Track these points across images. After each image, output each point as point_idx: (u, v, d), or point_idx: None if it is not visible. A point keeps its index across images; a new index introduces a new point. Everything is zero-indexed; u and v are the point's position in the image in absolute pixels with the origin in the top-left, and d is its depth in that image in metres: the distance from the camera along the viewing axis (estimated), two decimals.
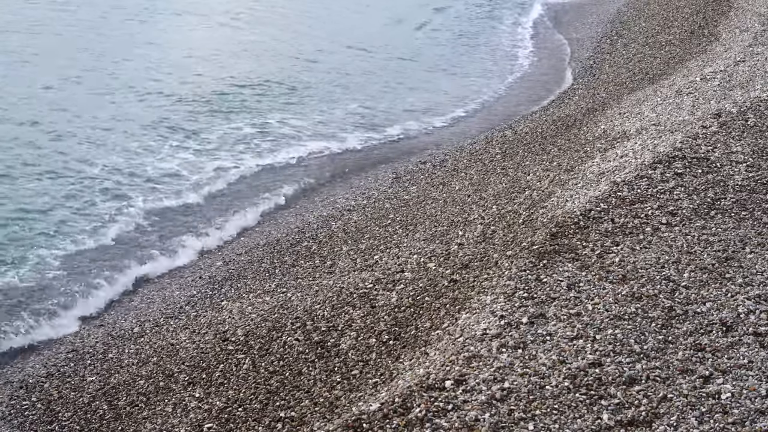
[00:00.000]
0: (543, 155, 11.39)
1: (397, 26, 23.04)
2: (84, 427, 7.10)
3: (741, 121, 9.79)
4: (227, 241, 11.01)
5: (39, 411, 7.41)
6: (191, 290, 9.49)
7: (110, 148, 13.35)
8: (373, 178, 12.81)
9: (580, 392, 5.14)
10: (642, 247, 6.97)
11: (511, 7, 26.06)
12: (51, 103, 15.05)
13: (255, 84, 17.08)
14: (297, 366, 6.99)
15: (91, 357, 8.21)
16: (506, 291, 6.41)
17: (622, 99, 13.82)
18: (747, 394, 5.08)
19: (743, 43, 14.73)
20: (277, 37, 20.99)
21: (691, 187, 8.07)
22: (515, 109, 16.47)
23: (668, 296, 6.19)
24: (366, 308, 7.59)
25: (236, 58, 18.93)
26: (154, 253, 10.44)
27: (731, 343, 5.60)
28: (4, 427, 7.17)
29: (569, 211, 7.79)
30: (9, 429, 7.17)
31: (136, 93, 15.96)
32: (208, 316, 8.61)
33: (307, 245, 10.07)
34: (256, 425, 6.38)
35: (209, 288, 9.45)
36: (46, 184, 11.86)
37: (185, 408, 6.97)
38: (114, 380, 7.68)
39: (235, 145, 13.99)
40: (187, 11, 23.00)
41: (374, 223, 10.38)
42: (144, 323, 8.81)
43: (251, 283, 9.30)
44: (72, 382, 7.81)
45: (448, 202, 10.46)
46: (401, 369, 6.16)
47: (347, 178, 13.10)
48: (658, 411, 4.97)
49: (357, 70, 18.58)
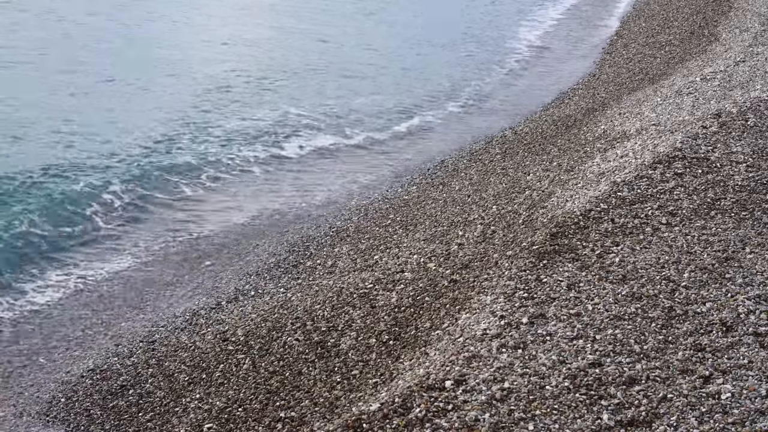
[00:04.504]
0: (543, 155, 11.39)
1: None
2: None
3: (741, 121, 9.79)
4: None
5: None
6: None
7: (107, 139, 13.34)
8: (372, 178, 12.81)
9: (580, 392, 5.14)
10: (642, 247, 6.97)
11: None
12: (63, 90, 15.09)
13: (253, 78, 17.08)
14: (297, 366, 6.99)
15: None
16: (506, 291, 6.41)
17: (622, 99, 13.82)
18: (747, 394, 5.08)
19: (743, 43, 14.73)
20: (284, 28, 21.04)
21: (691, 187, 8.07)
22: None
23: (668, 296, 6.19)
24: (366, 308, 7.59)
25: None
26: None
27: (731, 343, 5.60)
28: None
29: (569, 211, 7.79)
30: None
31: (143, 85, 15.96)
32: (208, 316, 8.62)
33: (307, 245, 10.07)
34: (256, 425, 6.38)
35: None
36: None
37: (185, 408, 6.97)
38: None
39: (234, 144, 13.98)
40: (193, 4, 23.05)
41: (374, 223, 10.38)
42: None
43: (252, 283, 9.30)
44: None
45: (448, 202, 10.46)
46: (401, 369, 6.16)
47: (347, 177, 13.09)
48: (658, 411, 4.97)
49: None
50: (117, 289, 9.63)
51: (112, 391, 7.46)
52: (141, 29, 20.49)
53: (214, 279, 9.67)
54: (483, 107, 16.87)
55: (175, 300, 9.24)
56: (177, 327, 8.43)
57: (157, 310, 9.00)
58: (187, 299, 9.18)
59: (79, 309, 9.18)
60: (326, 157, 14.04)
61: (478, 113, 16.54)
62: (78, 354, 8.24)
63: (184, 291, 9.48)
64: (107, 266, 9.96)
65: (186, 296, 9.29)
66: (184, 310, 8.84)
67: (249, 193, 12.53)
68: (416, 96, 17.14)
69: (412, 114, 16.11)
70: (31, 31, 18.89)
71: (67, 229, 10.65)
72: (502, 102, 17.24)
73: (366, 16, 23.85)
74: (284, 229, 10.97)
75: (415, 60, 19.92)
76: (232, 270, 9.83)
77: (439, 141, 14.80)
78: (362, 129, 15.08)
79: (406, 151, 14.29)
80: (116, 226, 11.03)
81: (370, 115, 15.82)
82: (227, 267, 9.99)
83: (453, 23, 23.85)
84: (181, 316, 8.71)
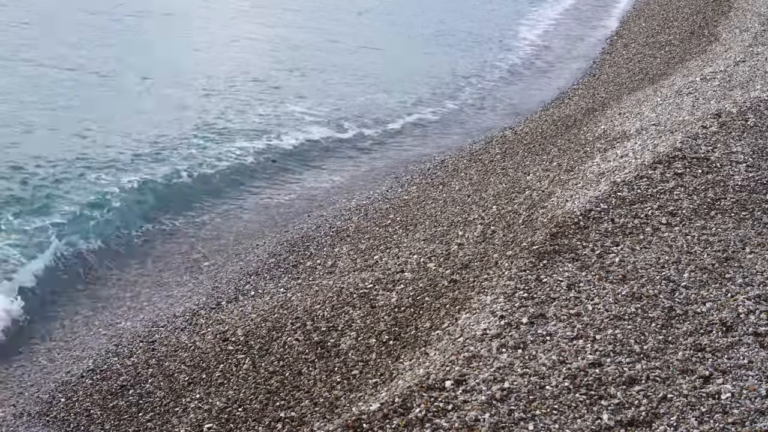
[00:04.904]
0: (543, 155, 11.39)
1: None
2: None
3: (741, 121, 9.79)
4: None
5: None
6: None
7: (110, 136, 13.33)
8: (372, 177, 12.81)
9: (580, 392, 5.14)
10: (642, 247, 6.97)
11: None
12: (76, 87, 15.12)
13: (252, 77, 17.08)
14: (297, 366, 6.99)
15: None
16: (506, 291, 6.41)
17: (622, 99, 13.83)
18: (747, 394, 5.08)
19: (743, 43, 14.74)
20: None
21: (691, 187, 8.08)
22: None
23: (668, 296, 6.20)
24: (366, 308, 7.59)
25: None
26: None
27: (731, 343, 5.60)
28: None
29: (569, 211, 7.80)
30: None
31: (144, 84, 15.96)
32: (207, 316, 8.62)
33: (307, 245, 10.07)
34: (256, 425, 6.38)
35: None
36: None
37: (185, 408, 6.97)
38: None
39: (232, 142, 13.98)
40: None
41: (374, 223, 10.38)
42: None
43: (252, 283, 9.30)
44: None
45: (448, 202, 10.46)
46: (401, 369, 6.16)
47: (347, 177, 13.10)
48: (658, 411, 4.97)
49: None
50: (117, 290, 9.64)
51: (112, 391, 7.46)
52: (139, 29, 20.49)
53: (214, 279, 9.68)
54: (483, 107, 16.88)
55: (175, 300, 9.24)
56: (177, 327, 8.43)
57: (157, 310, 9.00)
58: (187, 299, 9.18)
59: (79, 309, 9.19)
60: (327, 156, 14.04)
61: (478, 113, 16.55)
62: (78, 354, 8.25)
63: (184, 291, 9.48)
64: (107, 266, 9.96)
65: (186, 296, 9.29)
66: (184, 310, 8.84)
67: (249, 192, 12.53)
68: (416, 95, 17.14)
69: (411, 113, 16.12)
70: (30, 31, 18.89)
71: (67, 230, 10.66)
72: (502, 101, 17.24)
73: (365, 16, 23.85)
74: (284, 229, 10.97)
75: (415, 60, 19.92)
76: (232, 270, 9.83)
77: (439, 140, 14.81)
78: (362, 129, 15.09)
79: (406, 151, 14.30)
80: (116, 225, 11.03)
81: (370, 115, 15.82)
82: (227, 267, 9.99)
83: (453, 23, 23.87)
84: (181, 316, 8.71)
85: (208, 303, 8.97)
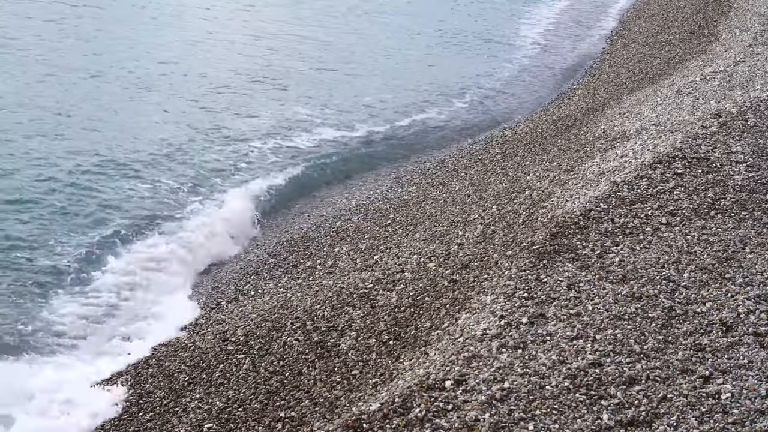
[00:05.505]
0: (543, 155, 11.40)
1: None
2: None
3: (741, 121, 9.80)
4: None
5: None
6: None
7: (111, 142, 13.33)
8: (373, 177, 12.81)
9: (580, 392, 5.14)
10: (642, 247, 6.98)
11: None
12: (81, 93, 15.11)
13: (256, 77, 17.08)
14: (297, 366, 6.99)
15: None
16: (506, 291, 6.41)
17: (622, 99, 13.83)
18: (747, 394, 5.08)
19: (743, 43, 14.74)
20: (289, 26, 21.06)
21: (691, 187, 8.08)
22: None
23: (668, 296, 6.20)
24: (366, 308, 7.59)
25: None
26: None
27: (731, 343, 5.60)
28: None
29: (569, 211, 7.80)
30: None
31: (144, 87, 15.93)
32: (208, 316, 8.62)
33: (307, 245, 10.07)
34: (256, 425, 6.38)
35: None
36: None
37: (185, 408, 6.98)
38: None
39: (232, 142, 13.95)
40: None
41: (374, 223, 10.38)
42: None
43: (252, 283, 9.30)
44: None
45: (448, 202, 10.46)
46: (401, 369, 6.16)
47: (347, 176, 13.09)
48: (658, 411, 4.97)
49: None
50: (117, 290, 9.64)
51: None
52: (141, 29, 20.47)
53: (214, 279, 9.68)
54: (483, 106, 16.87)
55: (176, 300, 9.25)
56: (177, 327, 8.44)
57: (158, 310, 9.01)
58: (187, 299, 9.19)
59: (79, 309, 9.19)
60: (327, 156, 14.03)
61: (478, 112, 16.54)
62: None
63: (184, 291, 9.49)
64: (107, 266, 9.95)
65: (186, 296, 9.30)
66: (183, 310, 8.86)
67: (249, 192, 12.51)
68: (416, 95, 17.12)
69: (411, 113, 16.10)
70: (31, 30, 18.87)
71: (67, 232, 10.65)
72: (502, 101, 17.23)
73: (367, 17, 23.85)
74: (284, 229, 10.97)
75: (416, 59, 19.92)
76: (232, 270, 9.83)
77: (439, 140, 14.80)
78: (363, 128, 15.08)
79: (406, 151, 14.28)
80: (116, 225, 11.02)
81: (370, 115, 15.82)
82: (227, 267, 10.00)
83: (453, 23, 23.87)
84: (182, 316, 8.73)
85: (208, 303, 8.97)
